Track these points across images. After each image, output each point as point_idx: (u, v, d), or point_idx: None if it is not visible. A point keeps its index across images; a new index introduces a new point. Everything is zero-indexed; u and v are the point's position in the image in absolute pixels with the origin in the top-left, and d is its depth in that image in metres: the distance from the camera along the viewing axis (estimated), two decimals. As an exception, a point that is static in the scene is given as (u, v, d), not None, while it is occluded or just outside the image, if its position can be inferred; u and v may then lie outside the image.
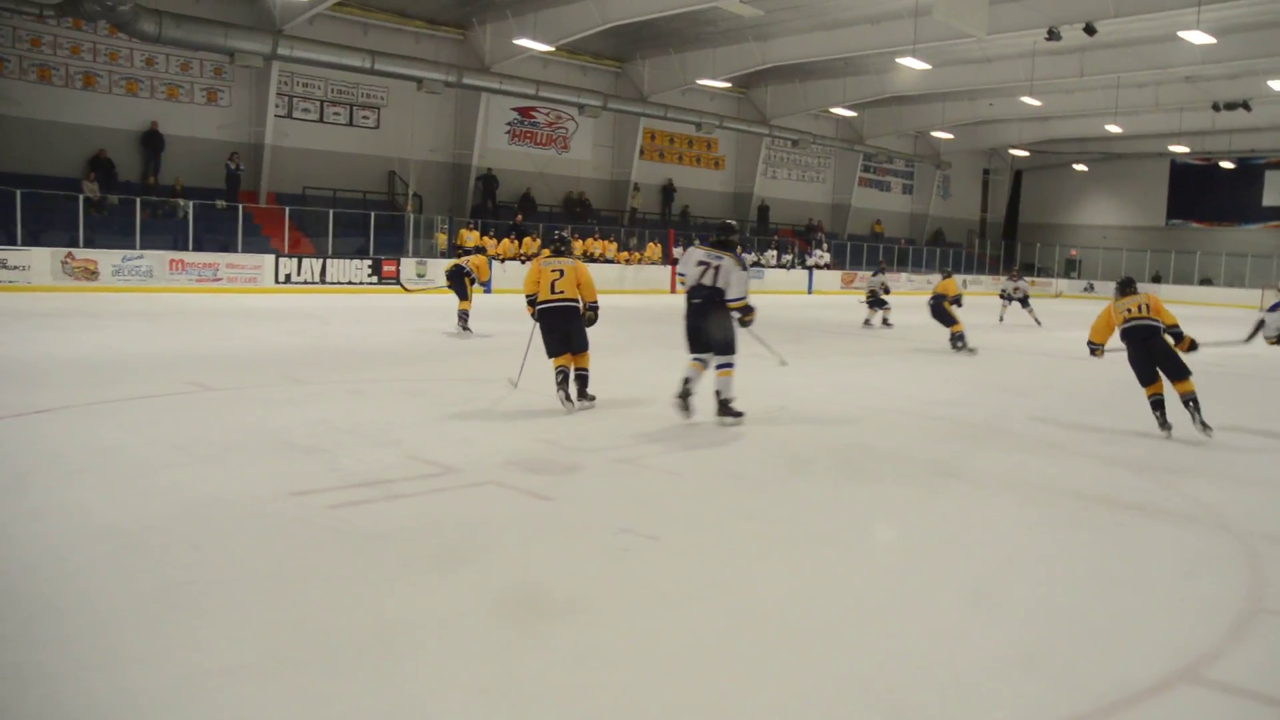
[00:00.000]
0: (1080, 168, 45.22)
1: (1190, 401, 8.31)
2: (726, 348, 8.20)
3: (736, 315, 8.40)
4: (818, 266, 33.91)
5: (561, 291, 8.59)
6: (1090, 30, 20.76)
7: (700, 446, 7.23)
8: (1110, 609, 4.27)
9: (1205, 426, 8.25)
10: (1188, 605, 4.33)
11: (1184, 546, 5.25)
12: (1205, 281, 41.54)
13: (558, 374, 8.49)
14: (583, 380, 8.64)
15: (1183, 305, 35.87)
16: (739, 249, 8.58)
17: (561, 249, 9.12)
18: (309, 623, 3.71)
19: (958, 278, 20.04)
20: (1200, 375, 8.75)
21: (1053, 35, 21.42)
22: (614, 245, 28.74)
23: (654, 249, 29.55)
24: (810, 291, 32.69)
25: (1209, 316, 29.76)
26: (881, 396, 10.18)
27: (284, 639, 3.55)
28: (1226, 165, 42.49)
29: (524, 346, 9.70)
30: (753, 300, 8.56)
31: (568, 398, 8.41)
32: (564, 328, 8.51)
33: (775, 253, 32.82)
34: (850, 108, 33.85)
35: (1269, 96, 28.81)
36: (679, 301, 8.60)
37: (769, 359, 9.64)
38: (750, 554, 4.84)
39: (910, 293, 34.46)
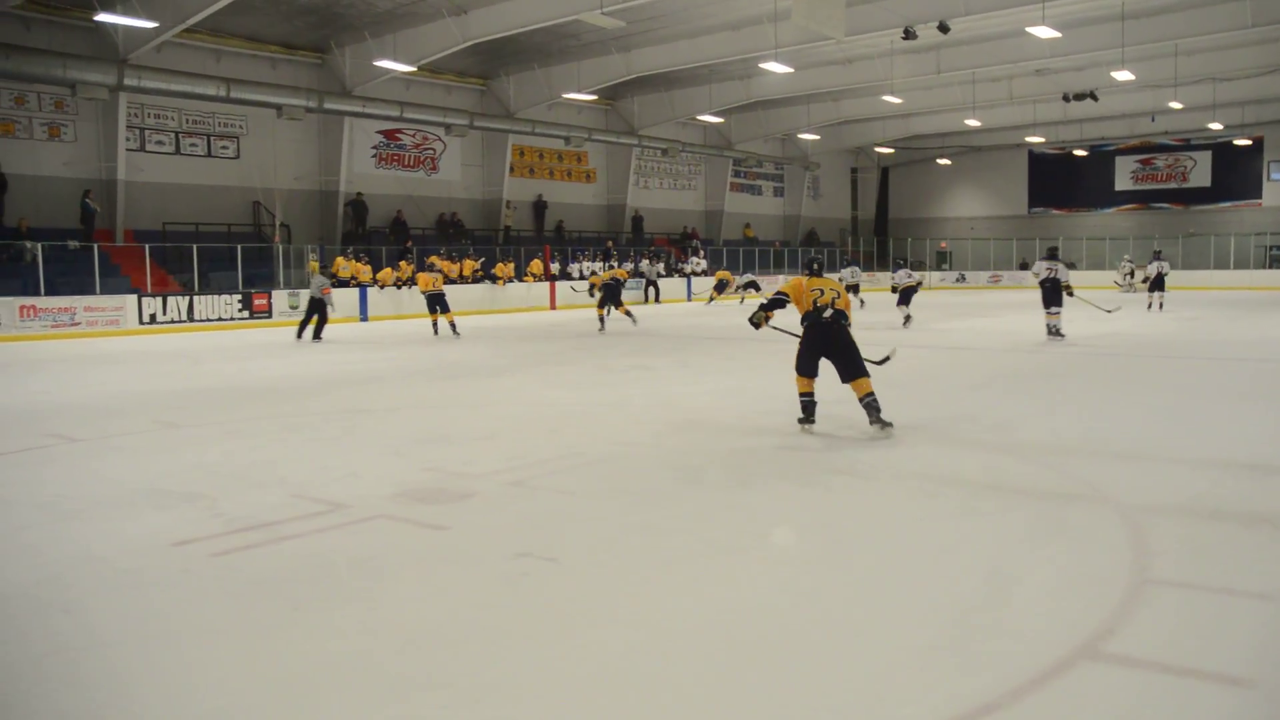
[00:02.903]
0: (944, 162, 46.80)
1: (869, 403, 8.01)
2: None
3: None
4: (694, 274, 34.19)
5: None
6: (944, 29, 21.49)
7: (590, 464, 7.15)
8: (1007, 593, 4.35)
9: (886, 425, 7.93)
10: (1080, 583, 4.44)
11: (1071, 525, 5.40)
12: (1070, 265, 43.25)
13: None
14: None
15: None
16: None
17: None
18: (195, 681, 3.51)
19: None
20: (1073, 354, 9.09)
21: (909, 35, 22.09)
22: (510, 266, 28.47)
23: (537, 265, 29.36)
24: (689, 299, 32.94)
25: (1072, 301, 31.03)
26: (765, 399, 10.27)
27: (169, 703, 3.35)
28: (1080, 153, 44.53)
29: (404, 373, 9.48)
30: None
31: None
32: None
33: (648, 262, 32.95)
34: (717, 114, 34.30)
35: (1114, 87, 30.26)
36: (561, 318, 8.51)
37: (653, 369, 9.61)
38: (651, 569, 4.79)
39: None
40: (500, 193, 31.69)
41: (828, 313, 8.12)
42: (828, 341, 8.13)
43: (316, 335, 18.13)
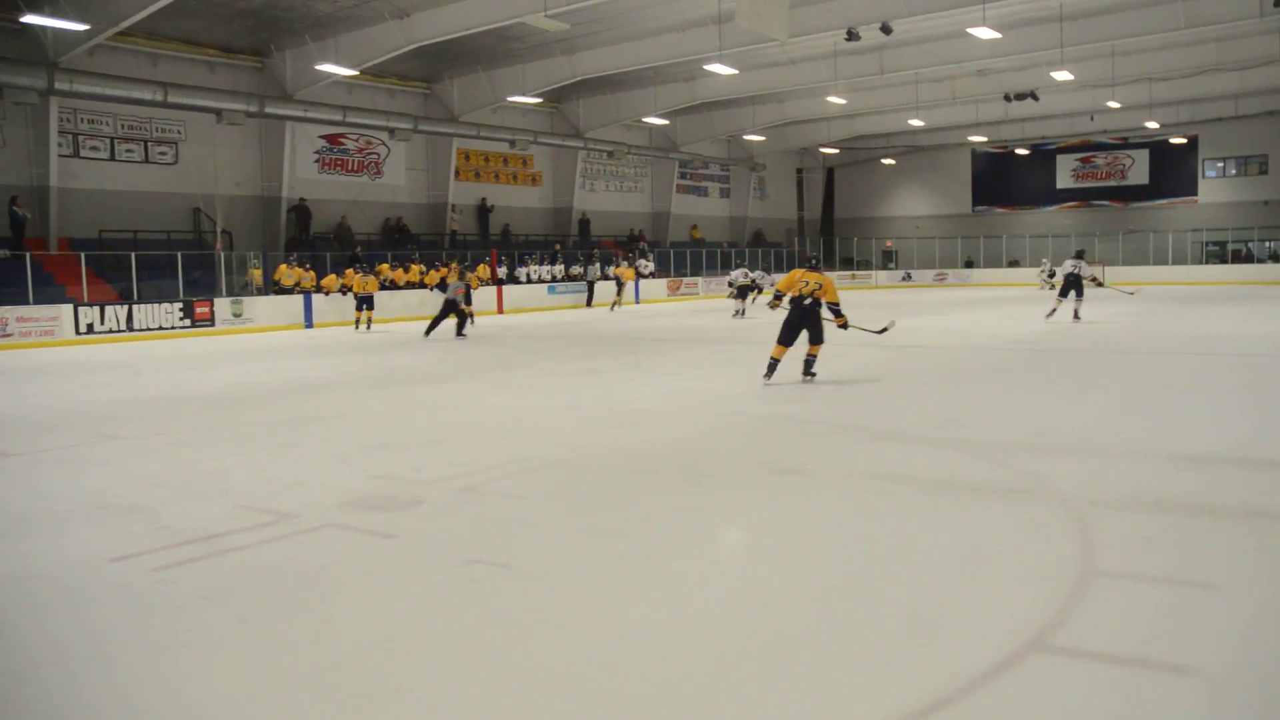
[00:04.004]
0: (889, 162, 47.29)
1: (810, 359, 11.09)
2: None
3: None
4: (643, 275, 34.21)
5: None
6: (887, 30, 21.68)
7: (542, 468, 7.11)
8: (957, 589, 4.38)
9: (812, 376, 11.09)
10: (1029, 577, 4.49)
11: (1020, 520, 5.46)
12: (1013, 263, 44.07)
13: None
14: None
15: (994, 288, 37.96)
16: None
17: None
18: (136, 700, 3.42)
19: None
20: (1019, 351, 9.20)
21: (852, 36, 22.25)
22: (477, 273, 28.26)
23: (483, 270, 29.14)
24: (638, 301, 32.93)
25: (1016, 296, 31.52)
26: (717, 400, 10.29)
27: (112, 722, 3.26)
28: (1022, 152, 45.22)
29: (351, 380, 9.37)
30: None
31: None
32: None
33: (599, 265, 32.92)
34: (663, 116, 34.34)
35: (1053, 86, 30.75)
36: (510, 321, 8.48)
37: (602, 372, 9.60)
38: (604, 572, 4.77)
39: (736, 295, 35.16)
40: (445, 197, 31.45)
41: (807, 300, 10.89)
42: (803, 318, 10.89)
43: (459, 332, 19.52)
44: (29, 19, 18.81)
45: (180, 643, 3.93)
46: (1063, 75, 27.43)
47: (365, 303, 22.35)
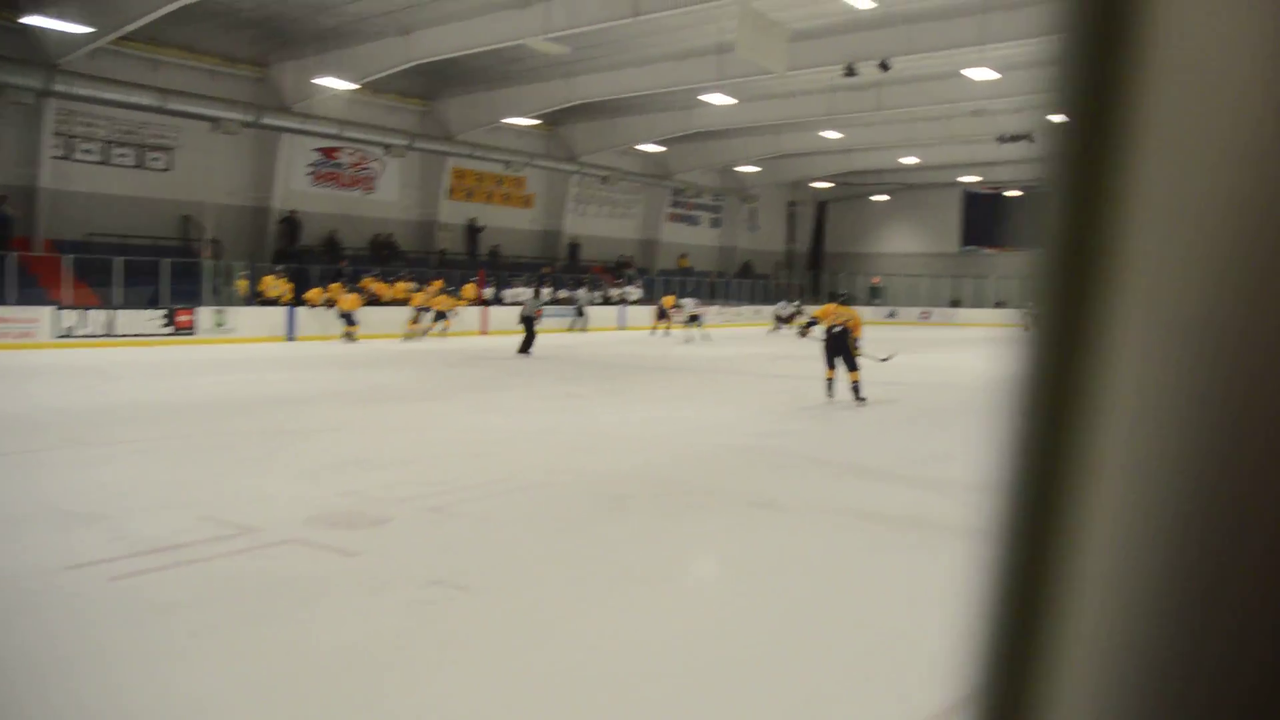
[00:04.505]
0: (880, 198, 47.47)
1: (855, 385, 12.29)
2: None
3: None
4: (627, 302, 34.20)
5: None
6: (885, 67, 21.84)
7: (514, 490, 7.06)
8: (919, 629, 4.34)
9: (862, 400, 12.27)
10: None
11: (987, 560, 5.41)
12: (999, 304, 44.20)
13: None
14: None
15: (979, 328, 38.09)
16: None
17: None
18: (86, 711, 3.35)
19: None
20: (979, 394, 9.17)
21: (850, 72, 22.40)
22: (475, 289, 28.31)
23: (470, 289, 29.10)
24: (622, 327, 32.92)
25: (1001, 337, 31.58)
26: (695, 430, 10.26)
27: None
28: (1013, 194, 45.43)
29: (329, 395, 9.31)
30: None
31: None
32: None
33: (587, 289, 32.94)
34: (658, 143, 34.47)
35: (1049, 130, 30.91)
36: (494, 343, 8.44)
37: (583, 398, 9.57)
38: (564, 598, 4.72)
39: (726, 324, 35.24)
40: (436, 215, 31.47)
41: (837, 329, 12.16)
42: (836, 347, 12.23)
43: (524, 349, 19.88)
44: (30, 20, 18.79)
45: (130, 654, 3.87)
46: (1059, 119, 27.56)
47: (348, 318, 22.93)
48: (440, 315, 25.78)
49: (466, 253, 32.76)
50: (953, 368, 18.65)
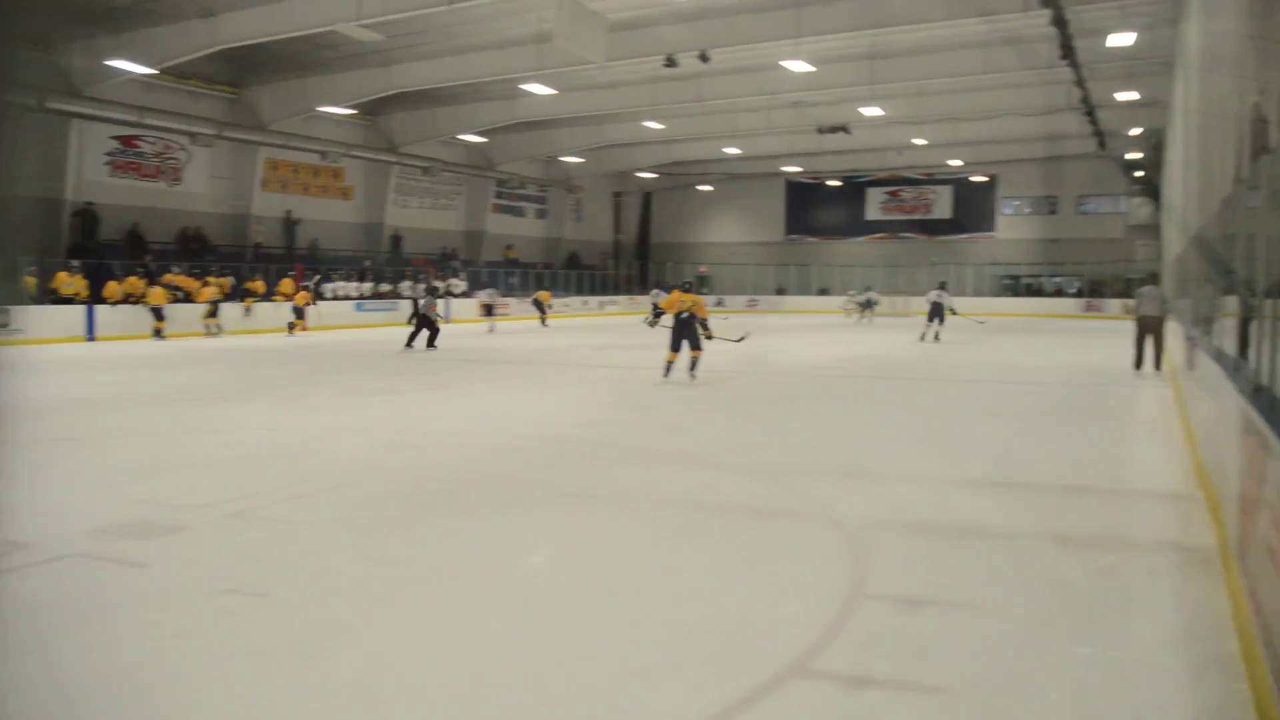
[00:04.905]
0: (705, 188, 48.20)
1: (694, 361, 13.55)
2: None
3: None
4: (452, 294, 33.67)
5: None
6: (704, 58, 22.09)
7: (322, 491, 6.77)
8: (729, 613, 4.35)
9: (694, 376, 13.50)
10: (800, 600, 4.51)
11: (797, 544, 5.50)
12: (823, 291, 45.61)
13: None
14: None
15: (804, 314, 39.13)
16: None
17: None
18: None
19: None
20: (822, 377, 9.34)
21: (671, 62, 22.57)
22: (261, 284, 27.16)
23: (287, 285, 28.00)
24: (449, 320, 32.33)
25: (825, 323, 32.56)
26: (515, 422, 10.13)
27: None
28: (834, 184, 46.94)
29: (129, 398, 8.76)
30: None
31: None
32: None
33: (409, 282, 32.25)
34: (480, 134, 34.02)
35: (864, 122, 32.02)
36: (313, 339, 8.10)
37: (400, 393, 9.31)
38: (370, 600, 4.53)
39: (560, 315, 35.11)
40: (249, 207, 30.15)
41: (684, 315, 13.28)
42: (681, 330, 13.30)
43: (430, 344, 19.80)
44: None
45: None
46: (872, 111, 28.61)
47: (157, 314, 22.31)
48: (299, 312, 25.50)
49: (284, 246, 31.55)
50: (775, 354, 19.06)
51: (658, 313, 14.04)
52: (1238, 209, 6.30)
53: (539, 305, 30.56)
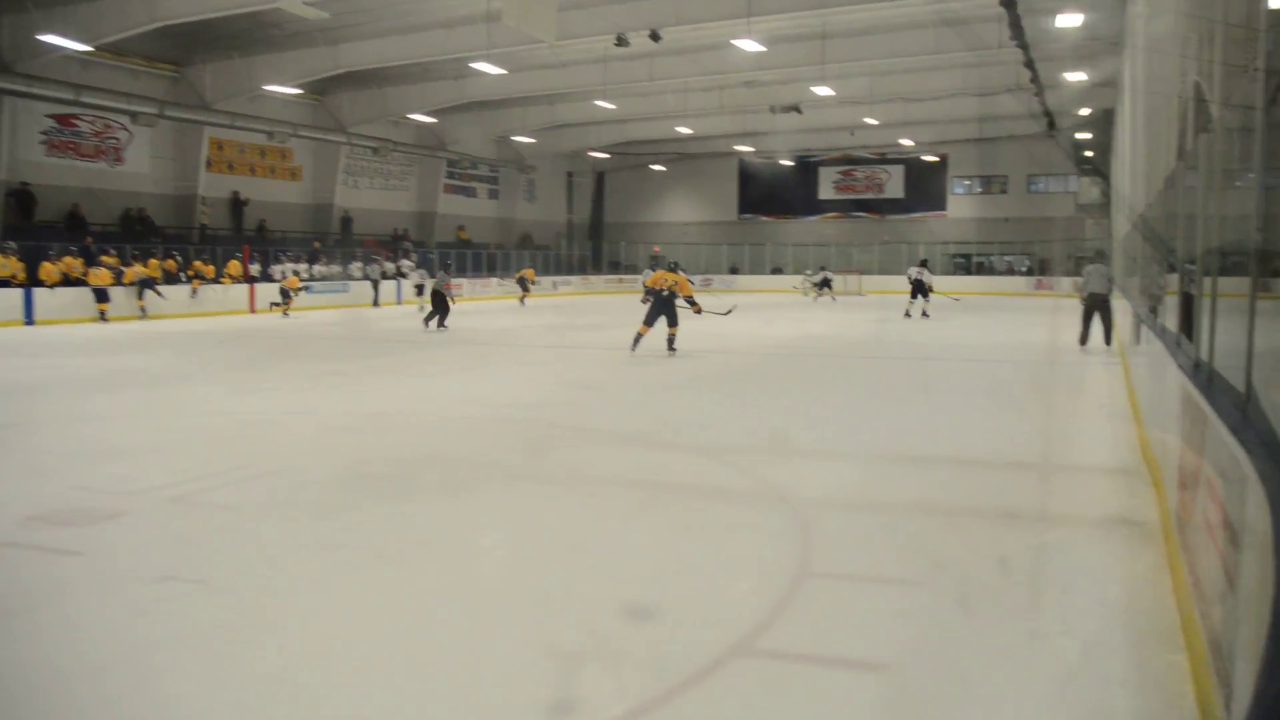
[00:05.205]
0: (658, 168, 48.07)
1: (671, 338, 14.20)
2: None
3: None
4: (403, 276, 33.35)
5: None
6: (655, 37, 21.97)
7: (266, 475, 6.65)
8: (673, 593, 4.33)
9: (673, 351, 14.15)
10: (744, 579, 4.50)
11: (745, 523, 5.49)
12: (776, 270, 45.75)
13: None
14: None
15: (757, 293, 39.22)
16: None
17: None
18: None
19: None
20: (774, 356, 9.35)
21: (621, 41, 22.43)
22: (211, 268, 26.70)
23: (235, 266, 27.54)
24: (400, 302, 32.07)
25: (778, 302, 32.65)
26: (460, 403, 10.05)
27: None
28: (786, 163, 47.01)
29: (69, 382, 8.56)
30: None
31: None
32: None
33: (361, 264, 31.91)
34: (430, 113, 33.62)
35: (816, 101, 32.01)
36: (263, 322, 7.97)
37: (348, 375, 9.19)
38: (307, 585, 4.46)
39: (501, 296, 34.94)
40: (195, 188, 29.56)
41: (665, 292, 14.03)
42: (661, 307, 14.03)
43: (441, 324, 19.71)
44: None
45: None
46: (824, 91, 28.63)
47: (100, 295, 21.98)
48: (285, 295, 25.34)
49: (231, 228, 31.04)
50: (728, 333, 19.06)
51: (648, 291, 14.82)
52: (1178, 188, 6.36)
53: (523, 283, 30.85)
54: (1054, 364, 13.94)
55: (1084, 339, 15.19)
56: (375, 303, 30.93)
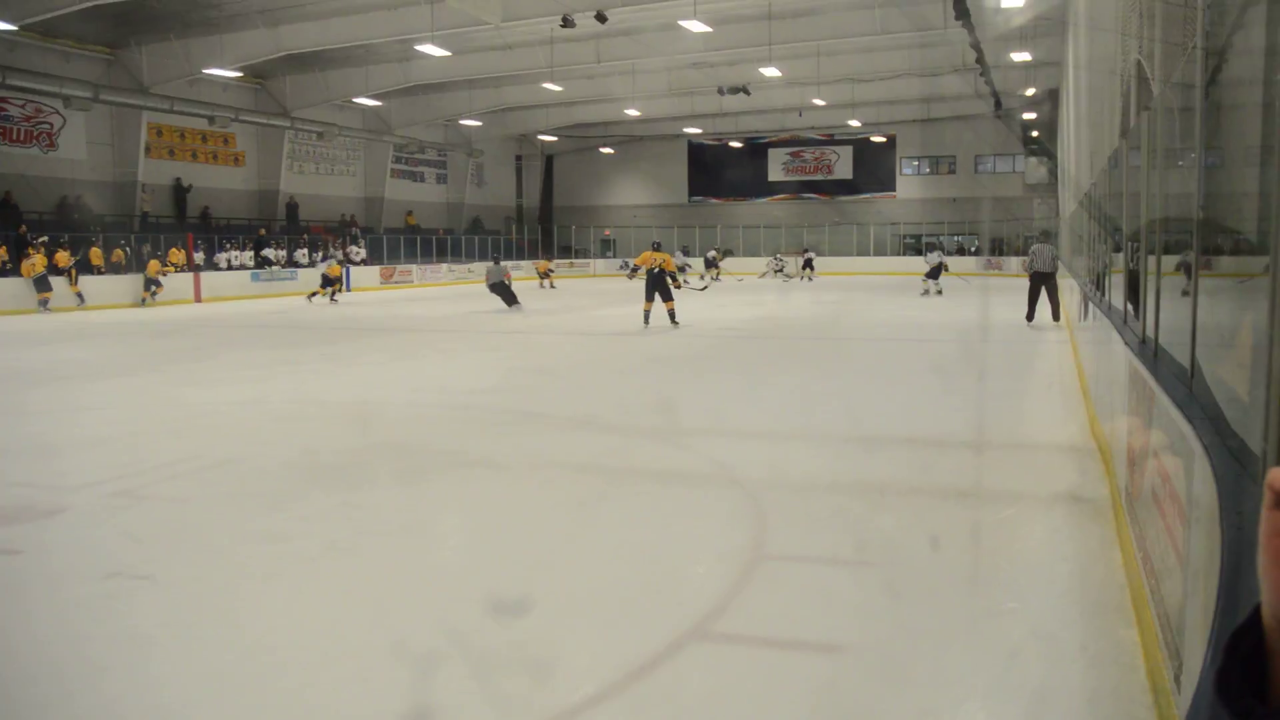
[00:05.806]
0: (607, 151, 47.84)
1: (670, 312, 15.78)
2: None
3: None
4: (352, 262, 32.99)
5: None
6: (602, 18, 21.80)
7: (213, 467, 6.53)
8: (629, 578, 4.32)
9: (676, 324, 15.65)
10: (700, 563, 4.50)
11: (699, 507, 5.49)
12: (727, 253, 45.79)
13: None
14: None
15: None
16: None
17: None
18: None
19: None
20: (726, 339, 9.37)
21: (567, 23, 22.22)
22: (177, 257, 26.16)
23: (177, 254, 27.02)
24: (349, 289, 31.71)
25: (728, 285, 32.73)
26: (414, 391, 9.95)
27: None
28: (735, 145, 46.97)
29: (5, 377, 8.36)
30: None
31: None
32: None
33: (306, 250, 31.51)
34: (375, 97, 33.17)
35: (764, 82, 31.99)
36: (207, 311, 7.83)
37: (297, 363, 9.06)
38: (257, 578, 4.39)
39: (452, 282, 34.67)
40: (135, 175, 28.94)
41: (655, 270, 15.72)
42: (655, 283, 15.73)
43: (513, 303, 20.90)
44: None
45: None
46: (771, 72, 28.66)
47: (40, 284, 21.64)
48: (327, 281, 25.78)
49: (174, 215, 30.44)
50: (682, 316, 19.04)
51: (634, 268, 16.46)
52: (1123, 167, 6.43)
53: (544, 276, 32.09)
54: (1004, 342, 14.10)
55: (1030, 315, 15.46)
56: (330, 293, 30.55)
